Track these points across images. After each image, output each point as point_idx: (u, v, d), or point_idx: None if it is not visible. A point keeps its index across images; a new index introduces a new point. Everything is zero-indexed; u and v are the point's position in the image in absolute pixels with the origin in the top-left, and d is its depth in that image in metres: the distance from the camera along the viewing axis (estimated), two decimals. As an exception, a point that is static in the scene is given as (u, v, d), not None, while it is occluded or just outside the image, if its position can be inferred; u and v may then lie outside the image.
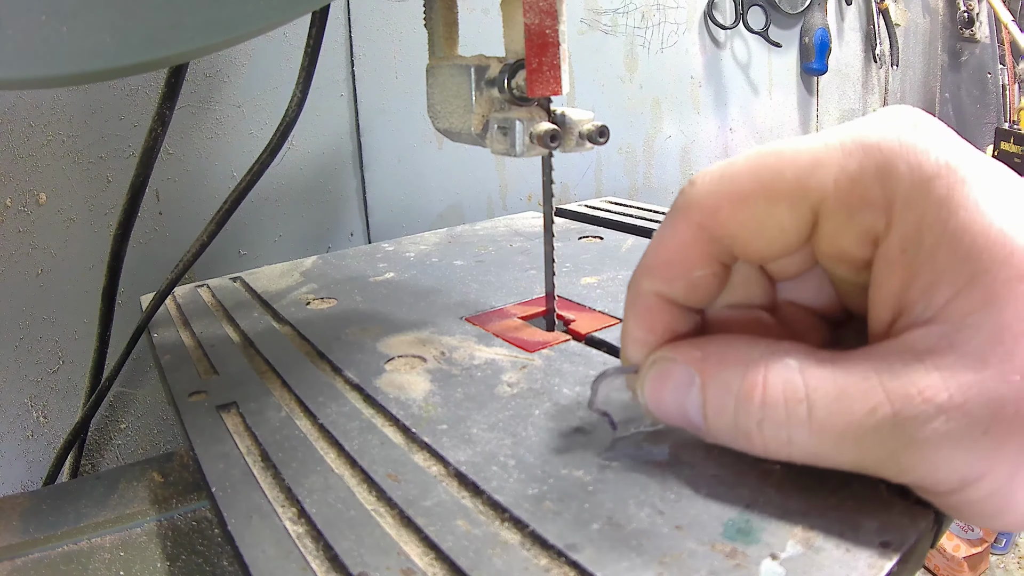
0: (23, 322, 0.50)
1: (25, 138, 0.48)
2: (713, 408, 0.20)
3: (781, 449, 0.19)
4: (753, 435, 0.19)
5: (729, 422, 0.19)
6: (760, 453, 0.20)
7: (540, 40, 0.29)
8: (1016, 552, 0.83)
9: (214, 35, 0.20)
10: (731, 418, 0.19)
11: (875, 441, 0.17)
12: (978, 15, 1.16)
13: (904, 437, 0.17)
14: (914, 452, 0.17)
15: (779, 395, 0.18)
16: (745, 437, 0.19)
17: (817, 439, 0.18)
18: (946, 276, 0.17)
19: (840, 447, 0.18)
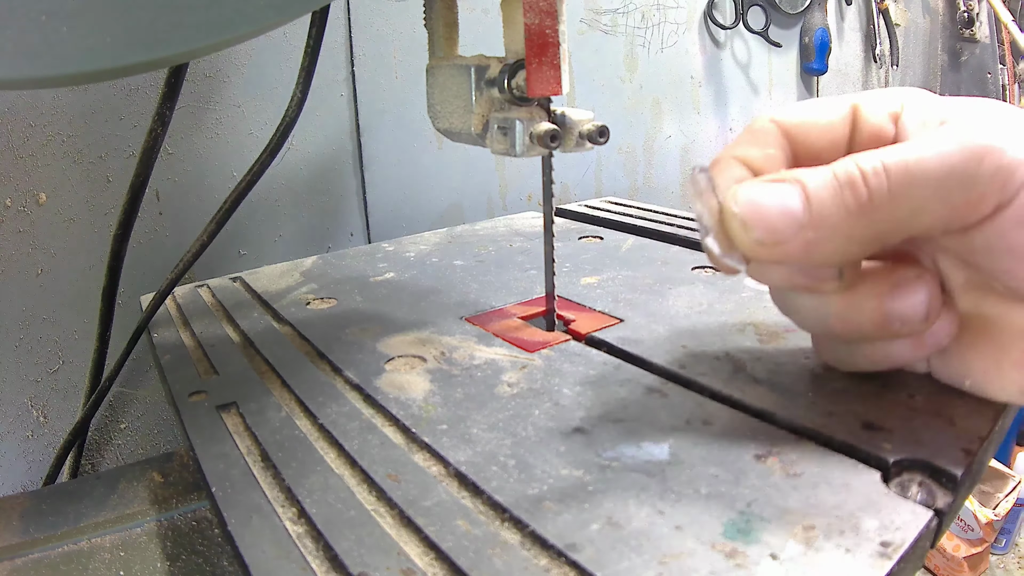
0: (23, 322, 0.50)
1: (25, 138, 0.48)
2: (815, 190, 0.21)
3: (883, 209, 0.20)
4: (861, 196, 0.21)
5: (834, 193, 0.21)
6: (863, 228, 0.21)
7: (540, 40, 0.29)
8: (1016, 552, 0.83)
9: (214, 35, 0.20)
10: (836, 191, 0.21)
11: (955, 163, 0.20)
12: (978, 15, 1.16)
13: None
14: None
15: (878, 164, 0.21)
16: (853, 205, 0.21)
17: (915, 185, 0.20)
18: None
19: (933, 187, 0.20)
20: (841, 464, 0.22)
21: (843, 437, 0.23)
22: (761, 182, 0.22)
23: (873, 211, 0.21)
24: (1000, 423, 0.24)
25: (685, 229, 0.51)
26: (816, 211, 0.21)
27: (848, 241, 0.21)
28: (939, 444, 0.22)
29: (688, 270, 0.42)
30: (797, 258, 0.22)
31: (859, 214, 0.21)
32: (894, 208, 0.20)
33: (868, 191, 0.20)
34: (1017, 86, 1.18)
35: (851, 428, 0.23)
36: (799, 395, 0.26)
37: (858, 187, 0.21)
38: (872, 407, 0.24)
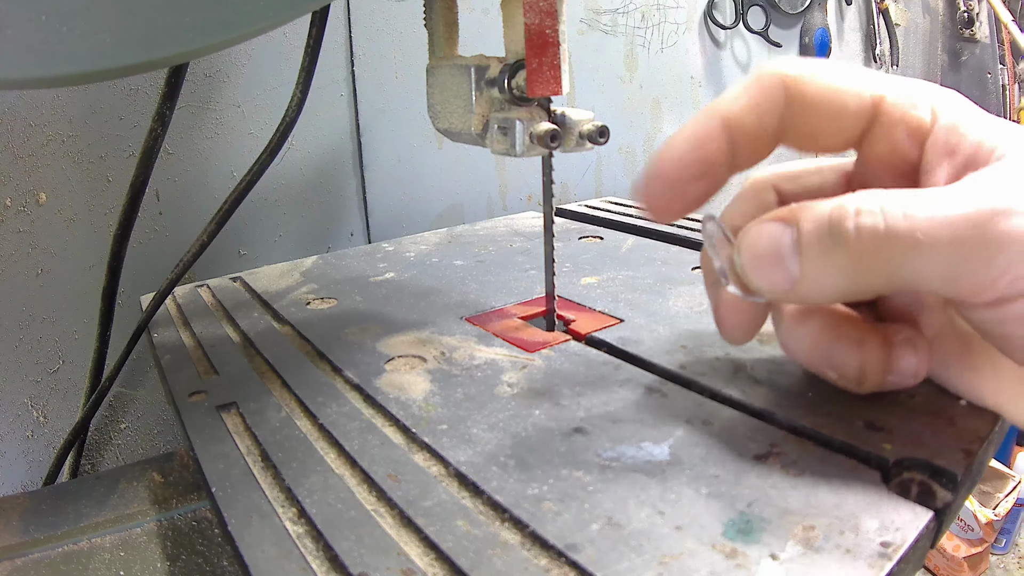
0: (23, 322, 0.50)
1: (25, 138, 0.48)
2: (808, 237, 0.20)
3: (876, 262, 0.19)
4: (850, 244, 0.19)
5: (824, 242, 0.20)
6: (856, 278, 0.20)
7: (540, 40, 0.29)
8: (1016, 552, 0.83)
9: (214, 35, 0.20)
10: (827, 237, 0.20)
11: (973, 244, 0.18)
12: (978, 15, 1.16)
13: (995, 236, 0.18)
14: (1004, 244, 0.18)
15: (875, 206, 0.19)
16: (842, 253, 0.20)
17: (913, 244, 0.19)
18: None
19: (933, 253, 0.19)
20: (841, 464, 0.22)
21: (843, 437, 0.23)
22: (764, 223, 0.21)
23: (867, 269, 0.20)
24: (1000, 423, 0.24)
25: (685, 229, 0.51)
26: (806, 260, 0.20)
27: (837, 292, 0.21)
28: (939, 444, 0.22)
29: (688, 270, 0.42)
30: (792, 299, 0.22)
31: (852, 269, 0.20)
32: (890, 271, 0.19)
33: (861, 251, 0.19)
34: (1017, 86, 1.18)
35: (851, 428, 0.23)
36: (799, 395, 0.26)
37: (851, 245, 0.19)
38: (872, 407, 0.24)
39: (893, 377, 0.24)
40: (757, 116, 0.23)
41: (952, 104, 0.22)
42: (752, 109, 0.23)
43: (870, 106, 0.23)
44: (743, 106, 0.23)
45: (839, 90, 0.23)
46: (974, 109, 0.22)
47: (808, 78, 0.23)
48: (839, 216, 0.20)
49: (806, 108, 0.23)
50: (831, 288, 0.20)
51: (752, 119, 0.23)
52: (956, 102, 0.22)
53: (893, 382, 0.24)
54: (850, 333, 0.23)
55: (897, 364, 0.24)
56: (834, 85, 0.23)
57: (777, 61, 0.23)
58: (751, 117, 0.23)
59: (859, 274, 0.20)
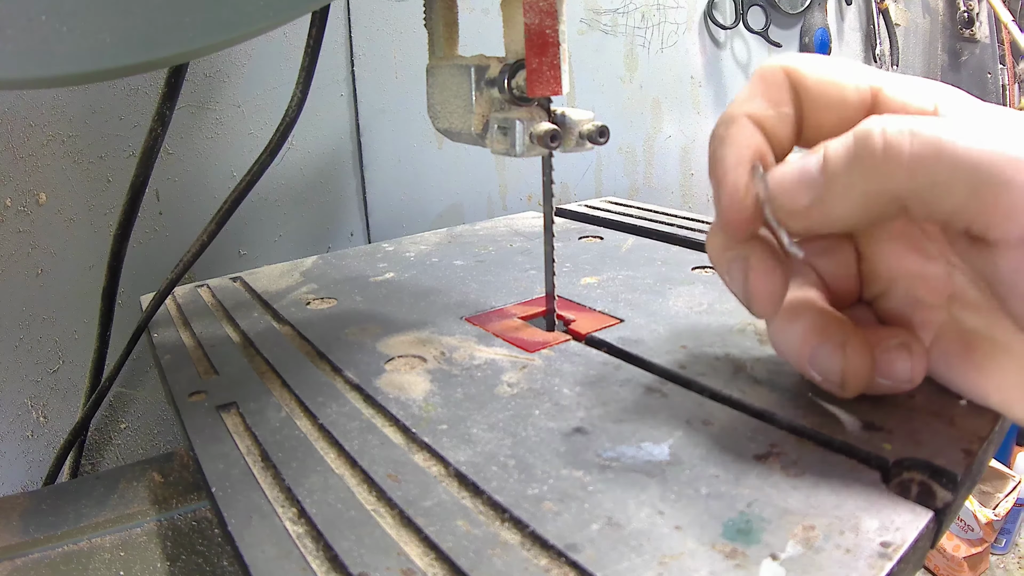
0: (23, 322, 0.50)
1: (25, 138, 0.48)
2: (833, 151, 0.21)
3: (904, 171, 0.19)
4: (876, 152, 0.20)
5: (849, 152, 0.20)
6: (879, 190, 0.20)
7: (540, 40, 0.29)
8: (1016, 552, 0.83)
9: (214, 35, 0.20)
10: (851, 148, 0.20)
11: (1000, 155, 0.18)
12: (978, 15, 1.16)
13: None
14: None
15: (903, 121, 0.20)
16: (867, 161, 0.20)
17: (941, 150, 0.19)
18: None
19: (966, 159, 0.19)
20: (841, 464, 0.22)
21: (843, 437, 0.23)
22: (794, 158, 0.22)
23: (888, 171, 0.20)
24: (1000, 423, 0.24)
25: (685, 229, 0.51)
26: (831, 168, 0.21)
27: (863, 199, 0.21)
28: (939, 444, 0.22)
29: (688, 270, 0.42)
30: (819, 221, 0.22)
31: (873, 170, 0.20)
32: (912, 176, 0.19)
33: (884, 146, 0.19)
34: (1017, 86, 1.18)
35: (851, 428, 0.23)
36: (799, 395, 0.26)
37: (873, 140, 0.20)
38: (872, 407, 0.24)
39: (888, 381, 0.24)
40: (776, 109, 0.23)
41: (954, 99, 0.22)
42: (769, 104, 0.23)
43: (869, 97, 0.23)
44: (760, 102, 0.23)
45: (837, 82, 0.23)
46: (976, 102, 0.22)
47: (807, 70, 0.23)
48: (865, 129, 0.20)
49: (808, 99, 0.23)
50: (854, 198, 0.21)
51: (772, 113, 0.23)
52: (958, 96, 0.22)
53: (888, 386, 0.24)
54: (835, 336, 0.23)
55: (891, 368, 0.23)
56: (832, 77, 0.23)
57: (775, 57, 0.24)
58: (771, 111, 0.23)
59: (880, 179, 0.20)
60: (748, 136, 0.23)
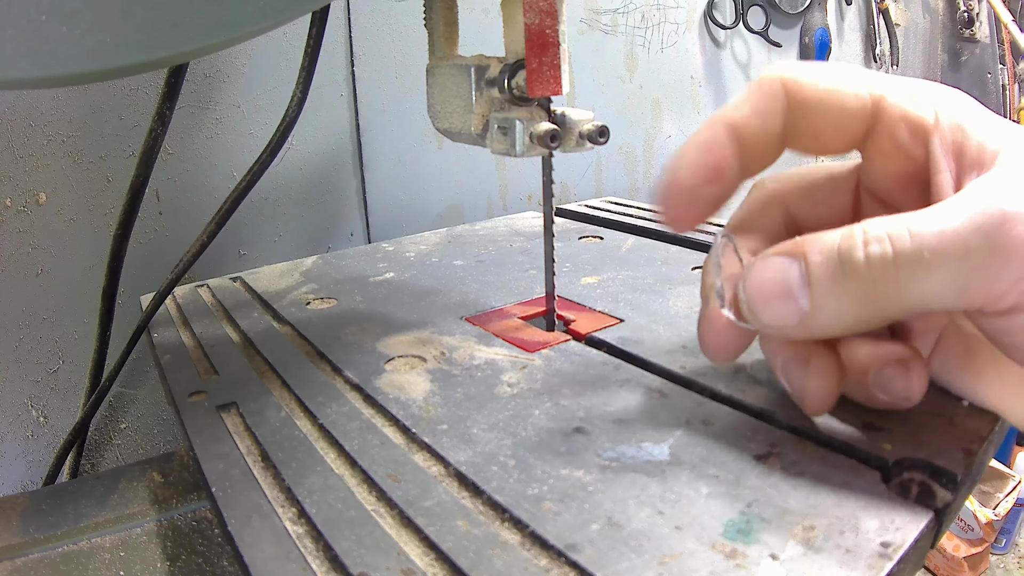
0: (23, 322, 0.50)
1: (25, 138, 0.48)
2: (817, 269, 0.20)
3: (889, 289, 0.19)
4: (861, 275, 0.19)
5: (835, 274, 0.20)
6: (869, 307, 0.20)
7: (540, 40, 0.29)
8: (1016, 552, 0.83)
9: (214, 35, 0.20)
10: (837, 269, 0.20)
11: (981, 254, 0.18)
12: (978, 15, 1.16)
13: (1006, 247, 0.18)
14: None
15: (881, 232, 0.19)
16: (853, 284, 0.19)
17: (922, 264, 0.19)
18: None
19: (944, 270, 0.19)
20: (841, 464, 0.22)
21: (843, 437, 0.23)
22: (768, 258, 0.21)
23: (878, 296, 0.19)
24: (1000, 423, 0.24)
25: (685, 229, 0.51)
26: (816, 293, 0.20)
27: (851, 321, 0.20)
28: (939, 444, 0.22)
29: (688, 270, 0.42)
30: (802, 336, 0.21)
31: (862, 297, 0.20)
32: (901, 294, 0.19)
33: (872, 276, 0.19)
34: (1017, 86, 1.18)
35: (851, 428, 0.23)
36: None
37: (860, 272, 0.19)
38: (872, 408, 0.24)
39: (885, 397, 0.23)
40: (761, 120, 0.23)
41: (954, 102, 0.22)
42: (755, 113, 0.23)
43: (870, 105, 0.23)
44: (747, 111, 0.23)
45: (837, 91, 0.23)
46: (976, 107, 0.22)
47: (806, 80, 0.23)
48: (848, 247, 0.19)
49: (806, 110, 0.23)
50: (843, 319, 0.20)
51: (756, 123, 0.23)
52: (958, 100, 0.22)
53: (886, 401, 0.24)
54: (801, 352, 0.23)
55: (888, 385, 0.23)
56: (832, 86, 0.23)
57: (776, 66, 0.23)
58: (755, 121, 0.23)
59: (871, 302, 0.20)
60: (714, 139, 0.23)
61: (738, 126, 0.23)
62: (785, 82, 0.23)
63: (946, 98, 0.22)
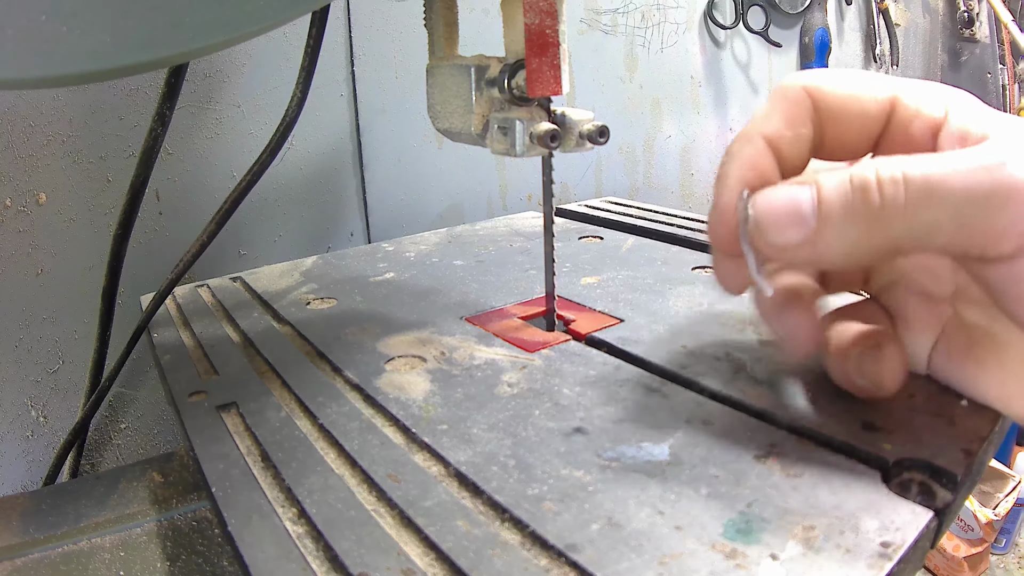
0: (23, 322, 0.50)
1: (25, 138, 0.48)
2: (828, 193, 0.20)
3: (896, 215, 0.20)
4: (871, 200, 0.20)
5: (845, 198, 0.20)
6: (874, 233, 0.20)
7: (540, 40, 0.29)
8: (1016, 552, 0.83)
9: (214, 35, 0.20)
10: (847, 193, 0.20)
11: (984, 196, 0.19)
12: (978, 15, 1.16)
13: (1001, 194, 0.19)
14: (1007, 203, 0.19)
15: (895, 163, 0.20)
16: (862, 208, 0.20)
17: (929, 194, 0.19)
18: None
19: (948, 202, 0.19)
20: (841, 464, 0.22)
21: (843, 437, 0.23)
22: (781, 186, 0.22)
23: (885, 221, 0.20)
24: (1000, 423, 0.24)
25: (685, 229, 0.51)
26: (825, 213, 0.20)
27: (857, 247, 0.21)
28: (939, 444, 0.22)
29: (688, 270, 0.42)
30: (807, 259, 0.21)
31: (870, 222, 0.20)
32: (907, 222, 0.20)
33: (882, 199, 0.20)
34: (1017, 86, 1.18)
35: (851, 428, 0.23)
36: (799, 395, 0.26)
37: (871, 194, 0.20)
38: (872, 407, 0.24)
39: (860, 381, 0.24)
40: (793, 128, 0.23)
41: (963, 102, 0.23)
42: (787, 123, 0.23)
43: (888, 107, 0.23)
44: (779, 122, 0.23)
45: (857, 95, 0.23)
46: (984, 107, 0.22)
47: (828, 87, 0.23)
48: (860, 173, 0.20)
49: (830, 115, 0.23)
50: (848, 244, 0.21)
51: (789, 132, 0.23)
52: (967, 100, 0.23)
53: (863, 387, 0.24)
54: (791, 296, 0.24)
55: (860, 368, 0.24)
56: (852, 91, 0.23)
57: (793, 75, 0.24)
58: (788, 131, 0.23)
59: (878, 228, 0.20)
60: (756, 155, 0.23)
61: (774, 138, 0.23)
62: (809, 90, 0.23)
63: (956, 98, 0.23)
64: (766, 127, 0.23)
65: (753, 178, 0.23)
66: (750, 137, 0.23)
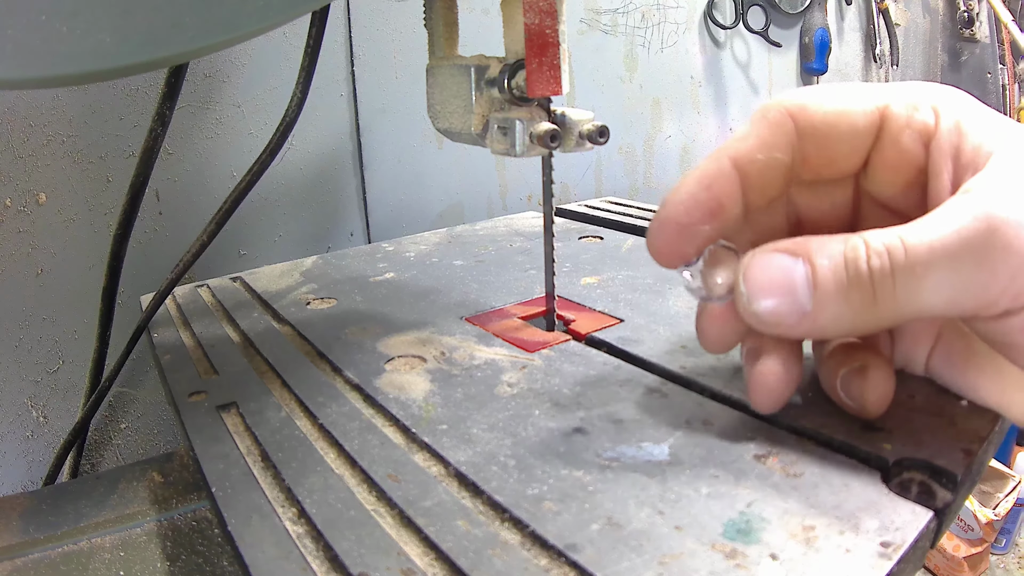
0: (23, 322, 0.50)
1: (25, 138, 0.48)
2: (824, 274, 0.20)
3: (886, 298, 0.19)
4: (864, 284, 0.20)
5: (841, 281, 0.20)
6: (868, 314, 0.20)
7: (540, 40, 0.29)
8: (1016, 552, 0.83)
9: (214, 35, 0.20)
10: (843, 277, 0.20)
11: (970, 263, 0.19)
12: (978, 15, 1.16)
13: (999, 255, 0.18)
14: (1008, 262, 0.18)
15: (880, 246, 0.19)
16: (857, 292, 0.20)
17: (915, 276, 0.19)
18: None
19: (935, 280, 0.19)
20: (841, 464, 0.22)
21: (843, 437, 0.23)
22: (769, 253, 0.21)
23: (878, 304, 0.20)
24: (1000, 423, 0.24)
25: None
26: (821, 295, 0.20)
27: (852, 323, 0.20)
28: (939, 444, 0.22)
29: (688, 270, 0.42)
30: (798, 335, 0.21)
31: (865, 299, 0.20)
32: (900, 298, 0.19)
33: (874, 287, 0.19)
34: (1017, 86, 1.18)
35: (851, 428, 0.23)
36: (799, 395, 0.26)
37: (864, 282, 0.20)
38: (872, 407, 0.24)
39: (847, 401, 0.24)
40: (767, 152, 0.22)
41: (953, 103, 0.22)
42: (761, 146, 0.23)
43: (877, 119, 0.22)
44: (751, 144, 0.23)
45: (845, 111, 0.22)
46: (976, 106, 0.22)
47: (813, 105, 0.22)
48: (854, 257, 0.20)
49: (817, 135, 0.23)
50: (842, 323, 0.20)
51: (762, 157, 0.23)
52: (957, 100, 0.22)
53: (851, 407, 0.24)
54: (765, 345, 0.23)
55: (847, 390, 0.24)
56: (839, 107, 0.22)
57: (779, 96, 0.23)
58: (761, 155, 0.22)
59: (871, 310, 0.20)
60: (715, 175, 0.22)
61: (743, 160, 0.23)
62: (792, 111, 0.22)
63: (946, 100, 0.22)
64: (737, 149, 0.23)
65: (706, 198, 0.22)
66: (717, 156, 0.23)
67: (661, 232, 0.23)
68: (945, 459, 0.21)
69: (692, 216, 0.23)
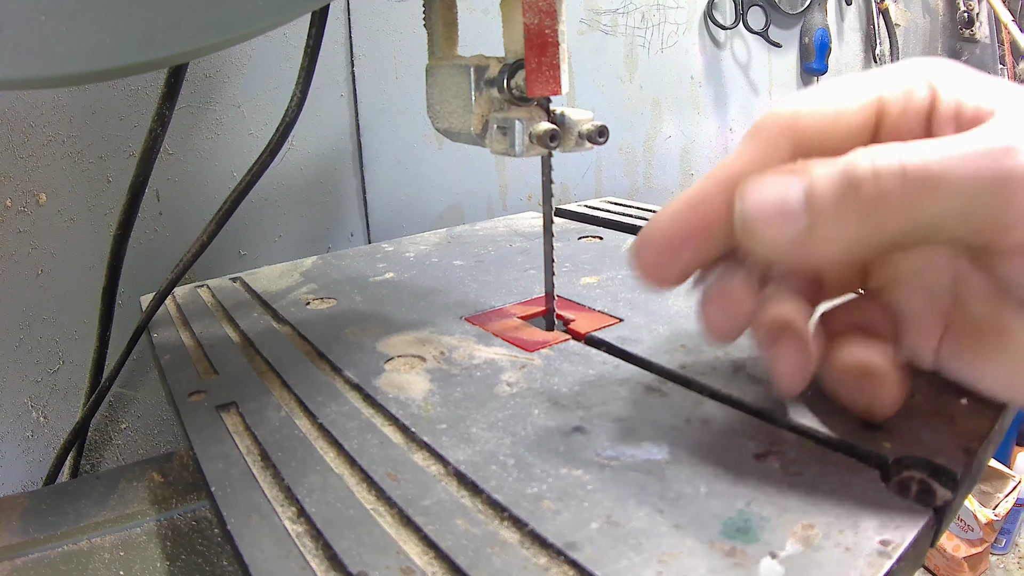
0: (23, 322, 0.50)
1: (25, 138, 0.48)
2: (820, 184, 0.19)
3: (893, 207, 0.19)
4: (867, 191, 0.19)
5: (838, 189, 0.19)
6: (870, 227, 0.19)
7: (539, 40, 0.29)
8: (1016, 552, 0.83)
9: (214, 35, 0.20)
10: (840, 184, 0.19)
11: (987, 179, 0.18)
12: (978, 15, 1.16)
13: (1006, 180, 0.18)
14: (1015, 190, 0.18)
15: (891, 151, 0.19)
16: (857, 200, 0.19)
17: (930, 183, 0.18)
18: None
19: (950, 192, 0.18)
20: (841, 463, 0.22)
21: (842, 436, 0.23)
22: (769, 175, 0.20)
23: (882, 215, 0.19)
24: (1000, 422, 0.24)
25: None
26: (817, 208, 0.19)
27: (852, 244, 0.20)
28: (939, 443, 0.22)
29: (688, 270, 0.42)
30: (797, 257, 0.20)
31: (866, 216, 0.19)
32: (907, 216, 0.19)
33: (878, 192, 0.18)
34: (1017, 86, 1.18)
35: (851, 427, 0.23)
36: (799, 394, 0.26)
37: (867, 186, 0.19)
38: (871, 406, 0.24)
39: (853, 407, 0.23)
40: (761, 169, 0.22)
41: (949, 76, 0.21)
42: (754, 163, 0.22)
43: (874, 113, 0.22)
44: (744, 162, 0.22)
45: (842, 111, 0.22)
46: (971, 74, 0.21)
47: (808, 112, 0.22)
48: (854, 162, 0.19)
49: (814, 141, 0.22)
50: (842, 241, 0.19)
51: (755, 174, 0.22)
52: (953, 71, 0.22)
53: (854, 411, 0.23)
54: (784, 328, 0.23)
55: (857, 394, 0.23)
56: (836, 108, 0.22)
57: (773, 107, 0.23)
58: (754, 172, 0.22)
59: (875, 222, 0.19)
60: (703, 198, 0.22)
61: (733, 179, 0.22)
62: (786, 123, 0.22)
63: (941, 74, 0.22)
64: (730, 168, 0.22)
65: (692, 218, 0.22)
66: (708, 176, 0.22)
67: (644, 250, 0.23)
68: (945, 458, 0.21)
69: (674, 238, 0.22)
